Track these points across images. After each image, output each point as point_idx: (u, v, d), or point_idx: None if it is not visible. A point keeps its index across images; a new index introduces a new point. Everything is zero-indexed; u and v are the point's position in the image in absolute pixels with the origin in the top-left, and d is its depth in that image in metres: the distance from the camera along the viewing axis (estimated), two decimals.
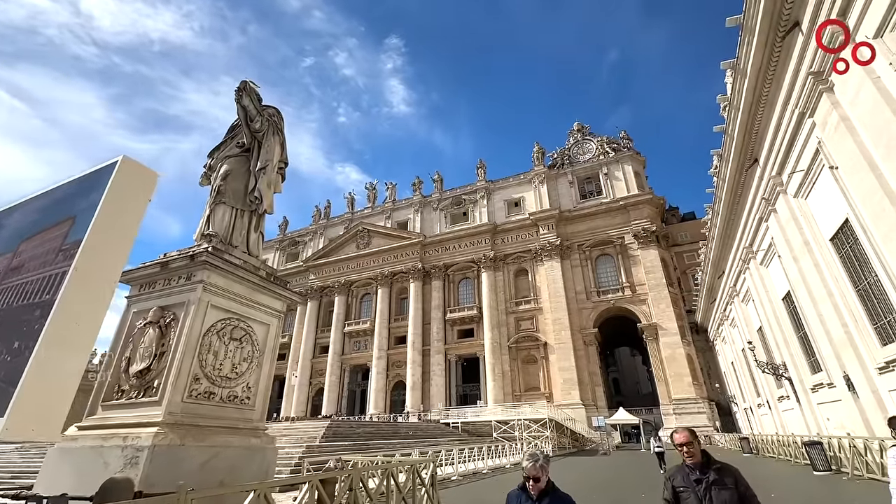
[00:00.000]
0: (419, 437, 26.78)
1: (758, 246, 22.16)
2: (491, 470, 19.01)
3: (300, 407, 65.82)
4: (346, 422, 25.78)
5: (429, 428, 32.11)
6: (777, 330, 22.35)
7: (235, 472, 6.66)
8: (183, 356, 6.68)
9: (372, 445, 19.06)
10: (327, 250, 76.07)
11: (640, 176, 61.75)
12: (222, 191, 8.51)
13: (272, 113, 9.68)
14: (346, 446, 18.56)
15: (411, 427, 30.34)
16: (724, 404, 49.15)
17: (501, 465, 20.90)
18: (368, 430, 24.76)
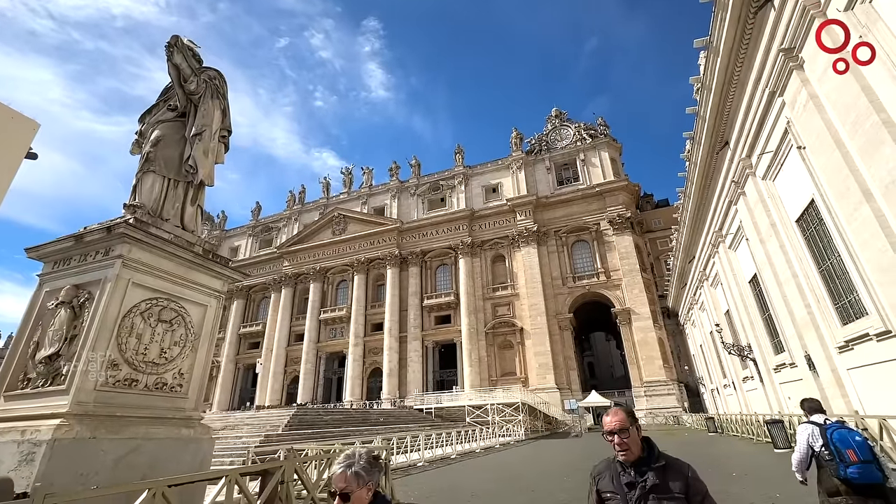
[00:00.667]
0: (390, 423, 26.36)
1: (727, 230, 22.38)
2: (460, 455, 18.77)
3: (275, 395, 64.81)
4: (314, 409, 25.06)
5: (401, 414, 31.74)
6: (743, 312, 22.75)
7: (160, 466, 6.02)
8: (97, 339, 5.95)
9: (338, 433, 18.50)
10: (302, 236, 74.35)
11: (617, 162, 62.19)
12: (151, 158, 7.66)
13: (213, 75, 8.80)
14: (309, 434, 17.93)
15: (383, 413, 29.88)
16: (693, 386, 50.70)
17: (471, 449, 20.73)
18: (337, 417, 24.16)
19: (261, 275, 77.13)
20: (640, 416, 45.71)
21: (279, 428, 18.77)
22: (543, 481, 11.03)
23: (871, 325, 11.25)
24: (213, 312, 7.84)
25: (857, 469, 4.17)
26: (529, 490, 9.43)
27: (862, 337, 11.84)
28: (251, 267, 78.67)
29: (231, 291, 77.99)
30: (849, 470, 4.20)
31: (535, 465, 15.06)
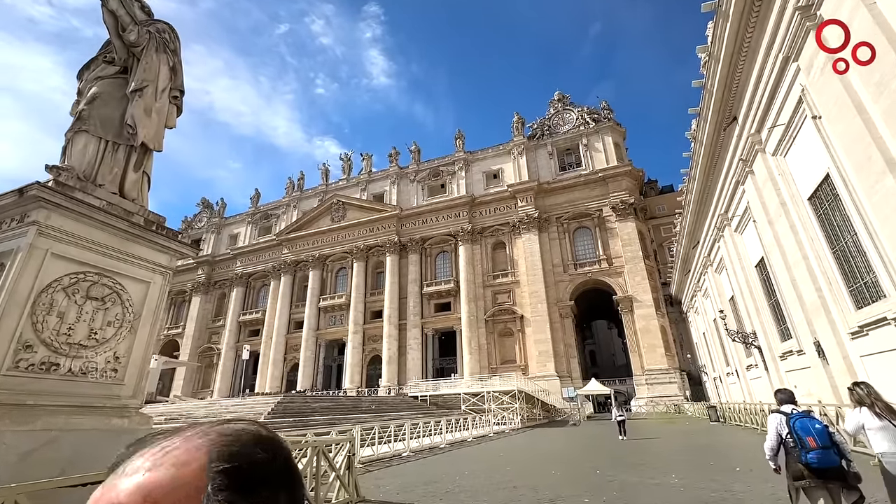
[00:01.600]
0: (383, 410, 25.78)
1: (733, 212, 21.35)
2: (449, 445, 17.93)
3: (275, 383, 64.83)
4: (302, 397, 24.35)
5: (395, 401, 31.20)
6: (749, 298, 21.85)
7: (84, 461, 5.28)
8: (2, 317, 5.16)
9: (323, 422, 17.72)
10: (301, 223, 73.63)
11: (620, 147, 60.77)
12: (84, 117, 6.80)
13: (162, 28, 7.85)
14: (293, 423, 17.05)
15: (375, 401, 29.30)
16: (695, 374, 50.03)
17: (462, 439, 19.91)
18: (326, 405, 23.50)
19: (260, 262, 76.72)
20: (641, 405, 45.39)
21: (261, 416, 18.12)
22: (529, 474, 10.33)
23: (890, 308, 10.35)
24: (158, 290, 7.04)
25: (816, 454, 4.46)
26: (511, 486, 8.73)
27: (878, 321, 10.95)
28: (251, 254, 78.33)
29: (231, 279, 77.84)
30: (809, 455, 4.49)
31: (524, 455, 14.43)
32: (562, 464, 11.75)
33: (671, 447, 16.08)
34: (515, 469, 11.21)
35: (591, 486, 8.70)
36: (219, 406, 20.87)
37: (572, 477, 9.95)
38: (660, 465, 11.79)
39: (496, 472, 10.85)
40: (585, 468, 11.12)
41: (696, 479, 9.26)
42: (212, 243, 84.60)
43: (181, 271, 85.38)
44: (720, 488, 8.19)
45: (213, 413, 18.96)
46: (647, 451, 14.28)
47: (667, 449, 15.57)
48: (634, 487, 8.71)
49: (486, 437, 22.06)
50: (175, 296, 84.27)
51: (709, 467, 10.95)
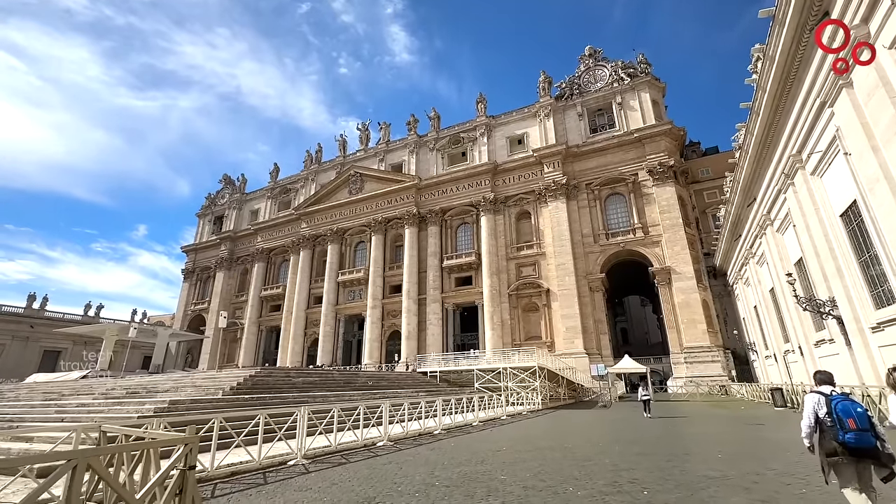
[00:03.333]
0: (382, 388, 23.08)
1: (813, 146, 16.98)
2: (446, 430, 14.69)
3: (296, 358, 64.40)
4: (284, 371, 21.71)
5: (398, 378, 28.50)
6: (827, 257, 17.64)
7: None
8: None
9: (300, 399, 15.20)
10: (319, 196, 71.78)
11: (659, 105, 54.89)
12: None
13: None
14: (259, 401, 14.54)
15: (374, 377, 26.56)
16: (741, 353, 45.37)
17: (465, 423, 16.61)
18: (312, 380, 20.63)
19: (280, 237, 75.84)
20: (679, 385, 41.51)
21: (219, 392, 15.25)
22: (525, 488, 7.14)
23: None
24: None
25: (855, 435, 4.72)
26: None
27: None
28: (271, 230, 77.56)
29: (253, 254, 77.52)
30: (847, 436, 4.76)
31: (532, 452, 10.71)
32: (577, 464, 8.47)
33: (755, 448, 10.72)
34: (509, 480, 7.79)
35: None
36: (189, 379, 18.83)
37: (576, 494, 6.65)
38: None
39: (477, 482, 7.57)
40: (623, 482, 7.80)
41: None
42: (234, 219, 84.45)
43: (206, 247, 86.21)
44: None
45: (180, 386, 16.87)
46: (703, 447, 10.91)
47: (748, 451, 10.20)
48: None
49: (496, 420, 18.94)
50: (201, 272, 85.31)
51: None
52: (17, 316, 65.59)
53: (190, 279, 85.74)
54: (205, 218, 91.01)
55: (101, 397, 16.05)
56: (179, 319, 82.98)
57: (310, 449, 10.35)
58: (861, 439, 4.68)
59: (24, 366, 61.14)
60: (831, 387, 5.29)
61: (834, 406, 4.95)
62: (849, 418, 4.80)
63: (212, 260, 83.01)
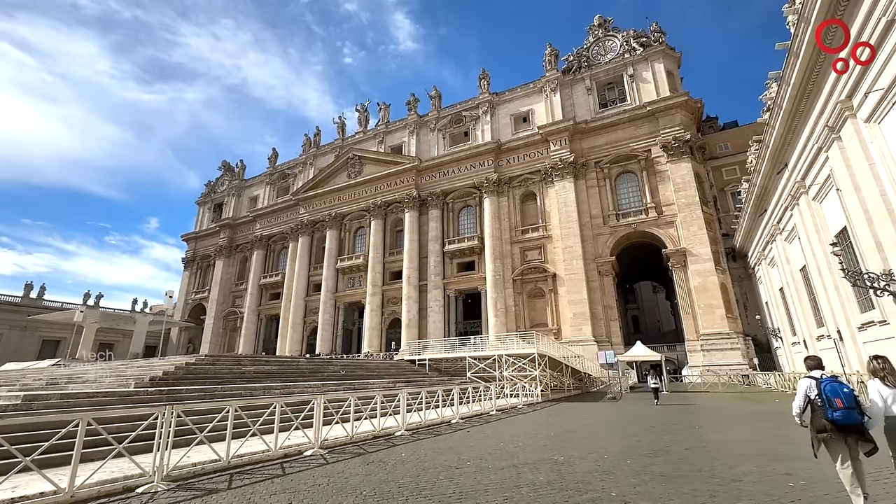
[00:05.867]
0: (359, 377, 20.50)
1: (870, 86, 13.96)
2: (410, 432, 11.90)
3: (294, 346, 62.71)
4: (235, 359, 18.77)
5: (380, 366, 25.87)
6: (883, 221, 14.72)
7: None
8: None
9: (236, 392, 12.50)
10: (317, 181, 69.44)
11: (674, 77, 51.20)
12: None
13: None
14: (177, 395, 11.77)
15: (352, 365, 23.92)
16: (763, 340, 42.34)
17: (443, 420, 13.81)
18: (270, 368, 17.73)
19: (279, 223, 73.85)
20: (696, 374, 38.75)
21: (132, 385, 12.29)
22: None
23: None
24: None
25: (842, 413, 5.25)
26: None
27: None
28: (270, 216, 75.61)
29: (251, 241, 75.71)
30: (835, 413, 5.28)
31: (505, 468, 7.79)
32: (566, 491, 5.89)
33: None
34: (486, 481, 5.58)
35: None
36: (125, 368, 16.51)
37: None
38: None
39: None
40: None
41: None
42: (233, 206, 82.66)
43: (205, 235, 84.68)
44: None
45: (101, 377, 14.38)
46: (758, 464, 7.52)
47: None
48: None
49: (483, 416, 16.17)
50: (201, 260, 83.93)
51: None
52: (13, 305, 64.72)
53: (190, 268, 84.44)
54: (204, 206, 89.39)
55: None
56: (180, 308, 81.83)
57: (193, 465, 7.71)
58: (847, 416, 5.21)
59: (22, 354, 60.22)
60: (821, 371, 5.89)
61: (823, 388, 5.47)
62: (836, 398, 5.32)
63: (211, 248, 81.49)
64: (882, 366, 5.60)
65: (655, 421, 14.26)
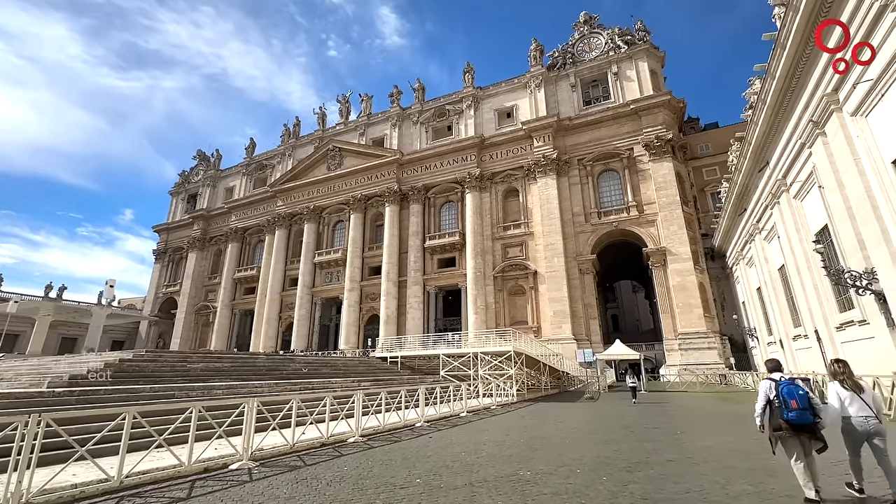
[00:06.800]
0: (324, 375, 19.28)
1: (858, 77, 13.46)
2: (365, 437, 10.73)
3: (269, 342, 60.79)
4: (180, 355, 16.93)
5: (347, 364, 24.49)
6: (868, 218, 14.31)
7: None
8: None
9: (174, 392, 11.20)
10: (295, 172, 67.37)
11: (657, 76, 51.14)
12: None
13: None
14: (105, 394, 10.50)
15: (314, 363, 22.53)
16: (739, 339, 42.62)
17: (404, 423, 12.58)
18: (217, 366, 16.34)
19: (255, 216, 71.51)
20: (673, 373, 38.70)
21: (43, 385, 10.83)
22: None
23: None
24: None
25: (796, 413, 5.62)
26: None
27: None
28: (246, 208, 73.21)
29: (226, 234, 73.15)
30: (790, 414, 5.67)
31: (459, 486, 6.57)
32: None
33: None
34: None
35: None
36: (56, 365, 14.91)
37: None
38: None
39: None
40: None
41: None
42: (207, 197, 79.82)
43: (178, 227, 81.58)
44: None
45: (8, 378, 12.83)
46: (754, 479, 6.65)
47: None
48: None
49: (452, 418, 15.07)
50: (173, 252, 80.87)
51: None
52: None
53: (162, 260, 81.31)
54: (178, 196, 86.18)
55: None
56: (150, 302, 78.76)
57: (72, 488, 6.10)
58: (801, 417, 5.62)
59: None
60: (780, 373, 6.28)
61: (780, 390, 5.88)
62: (792, 399, 5.71)
63: (184, 240, 78.52)
64: (842, 370, 6.04)
65: (634, 424, 13.43)
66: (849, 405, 5.72)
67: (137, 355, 14.92)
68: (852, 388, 5.81)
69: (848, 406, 5.72)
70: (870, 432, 5.55)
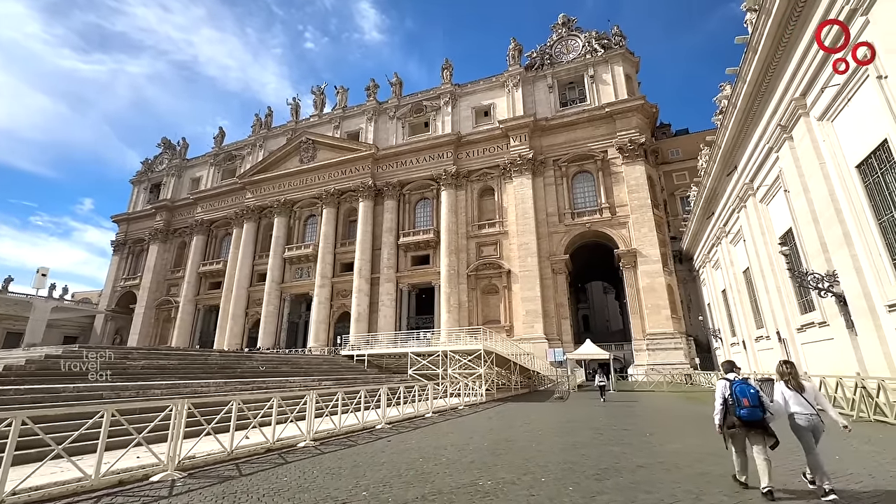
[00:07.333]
0: (283, 374, 18.25)
1: (826, 81, 13.62)
2: (317, 441, 9.85)
3: (235, 339, 58.56)
4: (116, 350, 15.90)
5: (310, 362, 23.41)
6: (831, 221, 14.55)
7: None
8: None
9: (102, 393, 10.00)
10: (266, 164, 65.17)
11: (632, 80, 51.96)
12: None
13: None
14: (15, 395, 9.35)
15: (274, 360, 21.05)
16: (703, 340, 43.73)
17: (363, 426, 11.73)
18: (163, 363, 14.72)
19: (223, 208, 68.84)
20: (641, 373, 39.34)
21: None
22: None
23: None
24: None
25: (748, 411, 6.02)
26: None
27: None
28: (213, 199, 70.34)
29: (191, 226, 70.09)
30: (742, 411, 6.07)
31: (421, 499, 5.92)
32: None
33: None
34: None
35: None
36: None
37: None
38: None
39: None
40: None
41: None
42: (172, 187, 76.31)
43: (139, 217, 77.70)
44: None
45: None
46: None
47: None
48: None
49: (417, 419, 14.39)
50: (133, 244, 76.95)
51: None
52: None
53: (121, 252, 77.23)
54: (140, 185, 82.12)
55: None
56: (107, 296, 74.67)
57: None
58: (752, 414, 6.01)
59: None
60: (735, 374, 6.68)
61: (734, 389, 6.28)
62: (744, 398, 6.09)
63: (146, 231, 74.81)
64: (788, 371, 6.41)
65: (603, 426, 13.13)
66: (792, 404, 6.10)
67: (68, 351, 13.42)
68: (795, 387, 6.20)
69: (792, 404, 6.10)
70: (809, 427, 5.97)
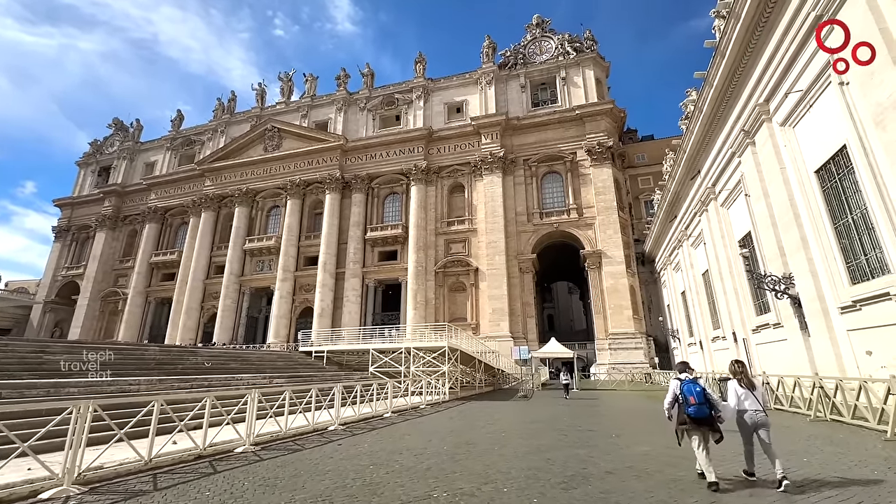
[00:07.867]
0: (231, 371, 17.14)
1: (790, 86, 13.88)
2: (256, 446, 8.91)
3: (189, 334, 55.50)
4: (30, 343, 14.73)
5: (263, 359, 22.22)
6: (788, 225, 14.91)
7: None
8: None
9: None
10: (228, 151, 62.13)
11: (602, 85, 52.89)
12: None
13: None
14: None
15: (221, 356, 19.93)
16: (662, 340, 45.08)
17: (313, 428, 10.84)
18: (111, 361, 14.05)
19: (180, 195, 65.14)
20: (602, 372, 40.08)
21: None
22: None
23: None
24: None
25: (695, 408, 6.34)
26: None
27: None
28: (169, 186, 66.45)
29: (144, 213, 65.97)
30: (690, 409, 6.38)
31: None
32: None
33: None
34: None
35: None
36: None
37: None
38: None
39: None
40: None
41: None
42: (123, 171, 71.61)
43: (86, 202, 72.45)
44: None
45: None
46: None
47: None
48: None
49: (375, 419, 13.71)
50: (77, 231, 71.64)
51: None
52: None
53: (63, 239, 71.76)
54: (87, 168, 76.63)
55: None
56: (47, 286, 69.20)
57: None
58: (699, 411, 6.32)
59: None
60: (686, 374, 6.87)
61: (682, 388, 6.58)
62: (690, 396, 6.42)
63: (92, 217, 69.77)
64: (740, 369, 6.82)
65: (568, 427, 12.80)
66: (744, 401, 6.48)
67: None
68: (747, 386, 6.57)
69: (744, 401, 6.48)
70: (757, 424, 6.32)
